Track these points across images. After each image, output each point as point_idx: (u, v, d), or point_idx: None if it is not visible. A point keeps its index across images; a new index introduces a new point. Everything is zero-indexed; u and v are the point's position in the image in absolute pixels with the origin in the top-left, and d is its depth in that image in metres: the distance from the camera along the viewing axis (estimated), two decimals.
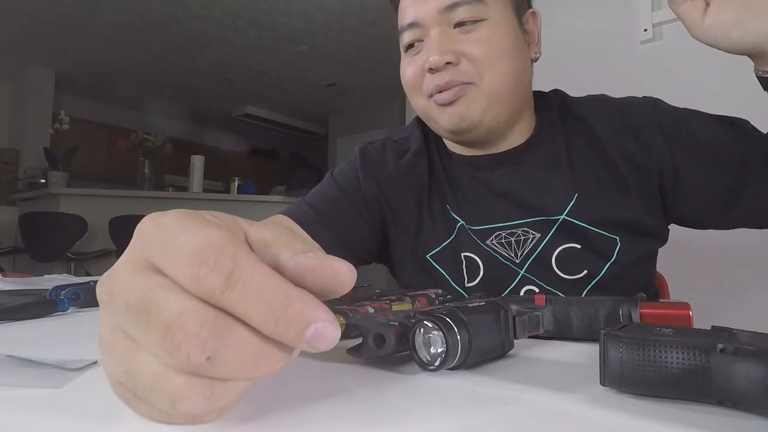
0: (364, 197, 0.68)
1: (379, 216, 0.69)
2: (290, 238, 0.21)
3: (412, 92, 0.62)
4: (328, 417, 0.22)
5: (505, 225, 0.62)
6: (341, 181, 0.70)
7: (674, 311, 0.37)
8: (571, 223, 0.60)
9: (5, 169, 4.57)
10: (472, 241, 0.64)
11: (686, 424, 0.21)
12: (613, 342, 0.25)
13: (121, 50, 4.45)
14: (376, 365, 0.31)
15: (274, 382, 0.28)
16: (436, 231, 0.66)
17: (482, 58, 0.57)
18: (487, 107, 0.58)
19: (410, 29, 0.60)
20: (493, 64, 0.57)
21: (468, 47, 0.57)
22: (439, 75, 0.57)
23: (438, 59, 0.56)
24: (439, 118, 0.60)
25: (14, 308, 0.46)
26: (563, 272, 0.60)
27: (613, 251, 0.60)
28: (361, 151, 0.72)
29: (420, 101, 0.62)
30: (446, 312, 0.29)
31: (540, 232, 0.61)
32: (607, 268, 0.60)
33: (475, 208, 0.65)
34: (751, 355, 0.22)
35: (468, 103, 0.58)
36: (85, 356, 0.30)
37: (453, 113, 0.58)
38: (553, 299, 0.42)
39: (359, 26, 3.94)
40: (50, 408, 0.22)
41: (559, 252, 0.60)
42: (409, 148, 0.71)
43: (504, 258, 0.62)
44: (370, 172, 0.69)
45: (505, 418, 0.22)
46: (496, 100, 0.58)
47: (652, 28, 1.58)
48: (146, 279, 0.18)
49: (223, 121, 6.43)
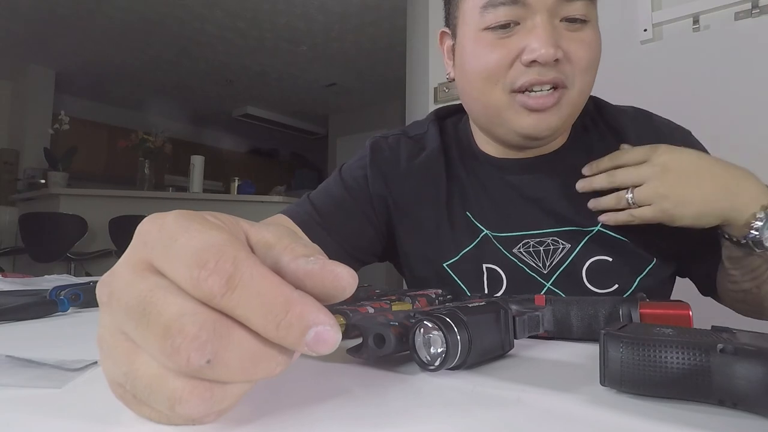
0: (371, 197, 0.65)
1: (385, 216, 0.66)
2: (292, 240, 0.21)
3: (488, 83, 0.54)
4: (328, 417, 0.22)
5: (535, 233, 0.59)
6: (348, 179, 0.66)
7: (674, 311, 0.37)
8: (606, 235, 0.57)
9: (5, 170, 4.57)
10: (496, 251, 0.60)
11: (686, 424, 0.21)
12: (613, 342, 0.25)
13: (121, 50, 4.45)
14: (376, 365, 0.31)
15: (273, 382, 0.28)
16: (455, 238, 0.62)
17: (582, 63, 0.53)
18: (570, 116, 0.55)
19: (510, 5, 0.51)
20: (589, 71, 0.54)
21: (573, 47, 0.52)
22: (540, 70, 0.51)
23: (551, 52, 0.50)
24: (519, 120, 0.54)
25: (14, 308, 0.46)
26: (594, 285, 0.57)
27: (646, 267, 0.57)
28: (372, 147, 0.68)
29: (497, 95, 0.54)
30: (446, 312, 0.29)
31: (570, 243, 0.58)
32: (638, 282, 0.57)
33: (502, 214, 0.61)
34: (751, 355, 0.22)
35: (559, 110, 0.54)
36: (85, 356, 0.30)
37: (541, 120, 0.53)
38: (553, 299, 0.42)
39: (359, 26, 3.94)
40: (50, 408, 0.22)
41: (590, 264, 0.57)
42: (425, 146, 0.67)
43: (530, 269, 0.59)
44: (379, 170, 0.66)
45: (505, 418, 0.22)
46: (577, 108, 0.56)
47: (652, 28, 1.58)
48: (146, 280, 0.18)
49: (223, 121, 6.43)
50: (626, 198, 0.53)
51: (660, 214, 0.51)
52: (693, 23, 1.51)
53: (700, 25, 1.51)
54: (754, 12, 1.40)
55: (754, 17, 1.41)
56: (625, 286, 0.57)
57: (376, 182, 0.65)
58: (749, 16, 1.41)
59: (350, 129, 6.06)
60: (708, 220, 0.51)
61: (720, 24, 1.47)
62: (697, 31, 1.51)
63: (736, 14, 1.44)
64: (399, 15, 3.43)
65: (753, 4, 1.41)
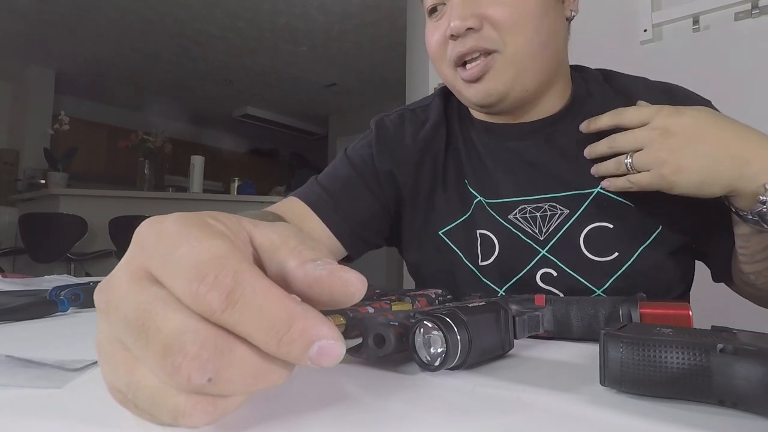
0: (377, 174, 0.65)
1: (393, 194, 0.66)
2: (298, 241, 0.20)
3: (437, 61, 0.59)
4: (328, 418, 0.22)
5: (532, 198, 0.58)
6: (355, 159, 0.66)
7: (674, 311, 0.37)
8: (606, 197, 0.56)
9: (5, 170, 4.57)
10: (489, 218, 0.60)
11: (686, 424, 0.21)
12: (613, 342, 0.25)
13: (121, 50, 4.45)
14: (376, 365, 0.31)
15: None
16: (450, 207, 0.63)
17: (506, 22, 0.53)
18: (514, 78, 0.55)
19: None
20: (518, 29, 0.53)
21: (491, 10, 0.53)
22: (460, 41, 0.54)
23: (459, 24, 0.53)
24: (465, 92, 0.58)
25: (14, 308, 0.46)
26: (591, 253, 0.55)
27: (651, 235, 0.55)
28: (377, 125, 0.68)
29: (445, 71, 0.59)
30: (446, 312, 0.29)
31: (569, 208, 0.57)
32: (640, 252, 0.54)
33: (498, 180, 0.60)
34: (751, 355, 0.22)
35: (494, 76, 0.55)
36: (85, 356, 0.30)
37: (480, 89, 0.56)
38: (553, 299, 0.42)
39: (359, 26, 3.94)
40: (50, 408, 0.22)
41: (589, 231, 0.56)
42: (428, 118, 0.67)
43: (525, 235, 0.58)
44: (385, 147, 0.66)
45: (505, 418, 0.22)
46: (523, 68, 0.55)
47: (651, 29, 1.58)
48: (144, 291, 0.18)
49: (223, 121, 6.43)
50: (625, 163, 0.50)
51: (659, 180, 0.48)
52: (693, 23, 1.51)
53: (700, 25, 1.51)
54: (754, 12, 1.40)
55: (754, 17, 1.41)
56: (626, 255, 0.55)
57: (383, 158, 0.65)
58: (749, 17, 1.41)
59: (350, 129, 6.05)
60: (711, 190, 0.47)
61: (720, 24, 1.47)
62: (697, 31, 1.51)
63: (736, 14, 1.44)
64: (399, 15, 3.43)
65: (753, 4, 1.41)
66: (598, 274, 0.55)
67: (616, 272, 0.55)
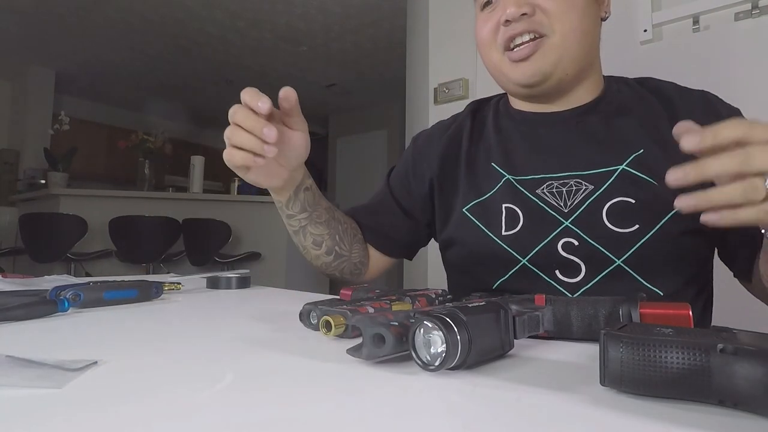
0: (410, 183, 0.74)
1: (424, 193, 0.73)
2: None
3: (486, 47, 0.65)
4: (328, 417, 0.22)
5: (558, 175, 0.62)
6: (393, 182, 0.77)
7: (674, 311, 0.37)
8: (630, 174, 0.58)
9: (5, 170, 4.58)
10: (517, 192, 0.63)
11: (686, 424, 0.21)
12: (613, 342, 0.25)
13: (121, 50, 4.45)
14: (376, 365, 0.31)
15: (273, 381, 0.28)
16: (474, 187, 0.67)
17: (555, 10, 0.59)
18: (558, 60, 0.60)
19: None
20: (565, 16, 0.59)
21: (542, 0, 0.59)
22: (513, 26, 0.60)
23: (515, 11, 0.59)
24: (512, 73, 0.63)
25: (14, 308, 0.46)
26: (613, 224, 0.57)
27: (671, 210, 0.55)
28: (413, 140, 0.79)
29: (493, 56, 0.64)
30: (446, 312, 0.29)
31: (594, 184, 0.60)
32: (661, 225, 0.55)
33: (528, 160, 0.65)
34: (751, 355, 0.22)
35: (542, 56, 0.60)
36: (85, 356, 0.30)
37: (527, 68, 0.61)
38: (553, 299, 0.42)
39: (359, 26, 3.94)
40: (50, 408, 0.22)
41: (612, 204, 0.58)
42: (454, 123, 0.75)
43: (551, 207, 0.61)
44: (418, 153, 0.75)
45: (505, 418, 0.22)
46: (567, 52, 0.60)
47: (651, 29, 1.58)
48: None
49: (223, 121, 6.36)
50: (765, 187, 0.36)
51: None
52: (693, 24, 1.51)
53: (700, 25, 1.51)
54: (754, 12, 1.40)
55: (754, 17, 1.41)
56: (646, 228, 0.56)
57: (420, 170, 0.74)
58: (749, 17, 1.41)
59: (350, 129, 6.05)
60: None
61: (720, 24, 1.47)
62: (697, 31, 1.51)
63: (736, 14, 1.44)
64: (399, 15, 3.43)
65: (753, 4, 1.41)
66: (618, 244, 0.57)
67: (636, 243, 0.56)
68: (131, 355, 0.33)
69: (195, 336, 0.40)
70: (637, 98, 0.65)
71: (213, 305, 0.61)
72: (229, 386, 0.27)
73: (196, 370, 0.30)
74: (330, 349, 0.35)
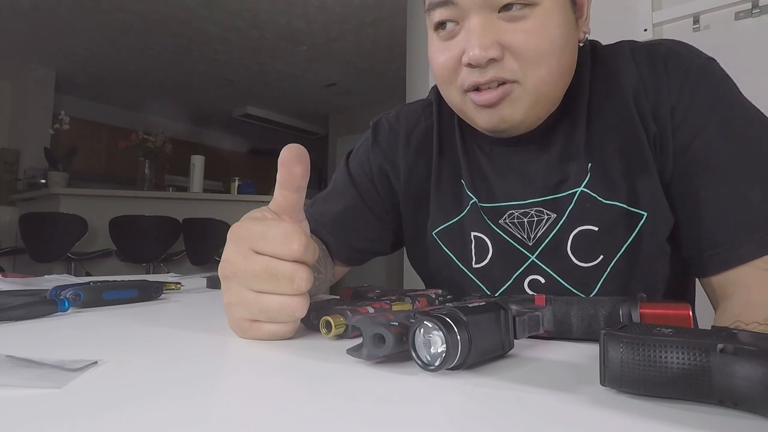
0: (375, 183, 0.68)
1: (390, 196, 0.68)
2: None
3: (444, 84, 0.55)
4: (328, 418, 0.22)
5: (519, 203, 0.58)
6: (354, 173, 0.70)
7: (674, 311, 0.37)
8: (589, 196, 0.54)
9: (5, 169, 4.58)
10: (482, 221, 0.59)
11: (686, 424, 0.21)
12: (613, 342, 0.25)
13: (121, 50, 4.45)
14: (376, 365, 0.31)
15: (273, 381, 0.28)
16: (444, 207, 0.62)
17: (530, 54, 0.49)
18: (530, 108, 0.52)
19: (442, 7, 0.50)
20: (541, 61, 0.49)
21: (515, 39, 0.48)
22: (479, 71, 0.49)
23: (480, 55, 0.48)
24: (476, 117, 0.54)
25: (14, 308, 0.46)
26: (578, 258, 0.54)
27: (635, 227, 0.53)
28: (374, 126, 0.70)
29: (453, 95, 0.54)
30: (446, 312, 0.29)
31: (555, 212, 0.56)
32: (623, 250, 0.53)
33: (492, 184, 0.60)
34: (751, 355, 0.22)
35: (511, 104, 0.51)
36: (85, 356, 0.30)
37: (493, 115, 0.52)
38: (553, 299, 0.42)
39: (359, 26, 3.94)
40: (50, 408, 0.22)
41: (575, 235, 0.55)
42: (421, 119, 0.68)
43: (515, 240, 0.58)
44: (379, 149, 0.68)
45: (505, 418, 0.22)
46: (541, 99, 0.52)
47: (652, 28, 1.58)
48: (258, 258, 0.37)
49: (223, 121, 6.43)
50: None
51: None
52: (693, 23, 1.51)
53: (700, 25, 1.51)
54: (754, 12, 1.40)
55: (754, 17, 1.41)
56: (609, 257, 0.54)
57: (377, 161, 0.68)
58: (749, 16, 1.41)
59: (350, 129, 6.05)
60: None
61: (720, 24, 1.47)
62: (697, 31, 1.51)
63: (736, 14, 1.44)
64: (399, 15, 3.43)
65: (753, 4, 1.41)
66: (585, 280, 0.55)
67: (602, 276, 0.54)
68: (131, 355, 0.33)
69: (195, 336, 0.40)
70: (595, 95, 0.57)
71: (213, 305, 0.61)
72: (229, 386, 0.27)
73: (196, 370, 0.30)
74: (330, 349, 0.35)
